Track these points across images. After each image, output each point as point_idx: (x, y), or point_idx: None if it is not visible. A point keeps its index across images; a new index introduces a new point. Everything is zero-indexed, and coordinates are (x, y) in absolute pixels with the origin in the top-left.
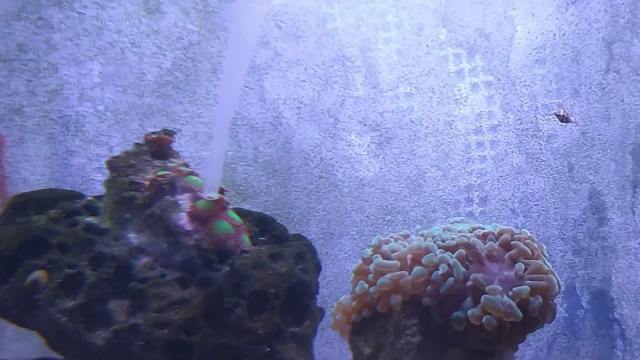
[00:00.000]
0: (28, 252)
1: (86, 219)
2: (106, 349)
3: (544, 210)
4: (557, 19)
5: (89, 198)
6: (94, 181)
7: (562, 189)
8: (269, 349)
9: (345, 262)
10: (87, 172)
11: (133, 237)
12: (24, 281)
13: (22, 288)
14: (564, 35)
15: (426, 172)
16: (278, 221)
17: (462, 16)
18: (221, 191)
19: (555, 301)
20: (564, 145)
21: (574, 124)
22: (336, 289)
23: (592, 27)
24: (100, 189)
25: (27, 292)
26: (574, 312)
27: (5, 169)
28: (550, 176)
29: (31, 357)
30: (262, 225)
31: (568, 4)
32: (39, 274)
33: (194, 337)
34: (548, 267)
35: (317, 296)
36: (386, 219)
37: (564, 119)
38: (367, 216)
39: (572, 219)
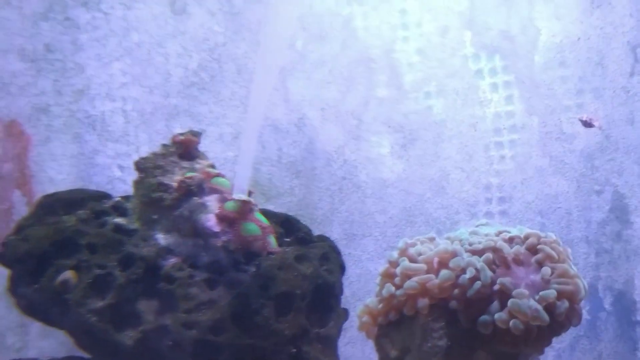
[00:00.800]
0: (58, 253)
1: (115, 220)
2: (135, 349)
3: (567, 213)
4: (581, 22)
5: (117, 198)
6: (119, 180)
7: (585, 191)
8: (295, 350)
9: (368, 263)
10: (113, 171)
11: (161, 238)
12: (54, 281)
13: (52, 288)
14: (588, 38)
15: (450, 174)
16: (302, 222)
17: (487, 19)
18: (248, 193)
19: (581, 305)
20: (588, 148)
21: (598, 129)
22: (359, 290)
23: (617, 30)
24: (126, 189)
25: (57, 292)
26: (597, 315)
27: (31, 168)
28: (574, 179)
29: (56, 355)
30: (288, 226)
31: (593, 7)
32: (68, 274)
33: (221, 337)
34: (574, 271)
35: (341, 297)
36: (409, 221)
37: (586, 124)
38: (390, 217)
39: (596, 221)
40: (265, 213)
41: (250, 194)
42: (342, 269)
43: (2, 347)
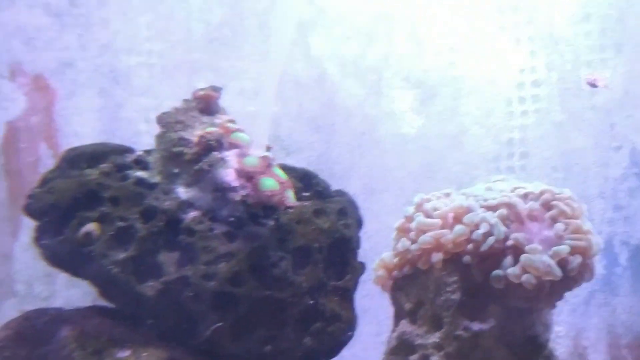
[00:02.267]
0: (81, 205)
1: (137, 174)
2: (156, 300)
3: (584, 169)
4: None
5: (139, 153)
6: (142, 134)
7: (603, 147)
8: (312, 302)
9: (387, 217)
10: (137, 125)
11: (182, 192)
12: (77, 233)
13: (76, 240)
14: None
15: (469, 130)
16: (321, 176)
17: None
18: (267, 148)
19: (594, 260)
20: (606, 104)
21: (604, 88)
22: (377, 244)
23: None
24: (148, 142)
25: (80, 243)
26: (612, 270)
27: (56, 122)
28: (592, 135)
29: (82, 304)
30: (306, 181)
31: None
32: (91, 226)
33: (240, 289)
34: (588, 227)
35: (359, 250)
36: (428, 176)
37: (591, 84)
38: (409, 172)
39: (613, 177)
40: (284, 168)
41: (268, 148)
42: (359, 223)
43: (30, 296)
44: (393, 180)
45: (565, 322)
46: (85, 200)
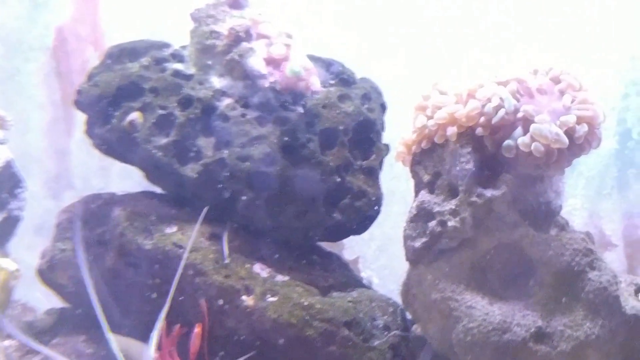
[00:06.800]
0: (125, 96)
1: (173, 66)
2: (197, 180)
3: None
4: None
5: (175, 47)
6: None
7: None
8: (339, 180)
9: None
10: None
11: (216, 81)
12: (123, 122)
13: (122, 128)
14: None
15: None
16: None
17: None
18: (291, 36)
19: (600, 129)
20: None
21: None
22: None
23: None
24: None
25: (126, 131)
26: (625, 144)
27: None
28: None
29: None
30: (332, 70)
31: None
32: (135, 115)
33: (272, 168)
34: (595, 98)
35: (382, 133)
36: None
37: None
38: None
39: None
40: (311, 57)
41: (292, 37)
42: (383, 107)
43: (88, 188)
44: None
45: (581, 195)
46: (128, 91)
